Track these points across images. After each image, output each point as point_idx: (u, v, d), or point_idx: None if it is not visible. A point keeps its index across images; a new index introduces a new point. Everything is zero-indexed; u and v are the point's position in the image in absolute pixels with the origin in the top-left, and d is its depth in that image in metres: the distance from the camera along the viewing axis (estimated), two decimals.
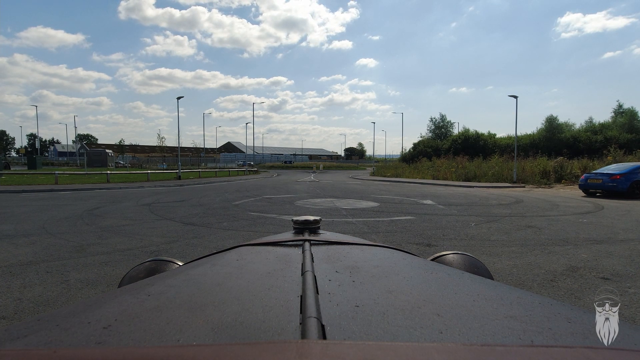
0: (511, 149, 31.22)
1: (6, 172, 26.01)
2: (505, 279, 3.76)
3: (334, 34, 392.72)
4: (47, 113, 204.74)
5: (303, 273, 0.53)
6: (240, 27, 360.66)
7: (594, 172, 14.16)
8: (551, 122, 39.66)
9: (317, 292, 0.45)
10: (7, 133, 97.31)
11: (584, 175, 14.02)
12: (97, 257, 4.59)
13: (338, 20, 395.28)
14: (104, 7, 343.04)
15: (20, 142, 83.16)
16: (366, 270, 0.59)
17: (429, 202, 11.15)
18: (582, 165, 21.02)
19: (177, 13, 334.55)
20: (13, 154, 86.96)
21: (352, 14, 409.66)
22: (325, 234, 0.91)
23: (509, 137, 40.72)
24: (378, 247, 0.80)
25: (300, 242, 0.78)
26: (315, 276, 0.51)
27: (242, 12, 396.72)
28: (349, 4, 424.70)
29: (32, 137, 76.62)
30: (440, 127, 53.42)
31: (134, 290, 0.51)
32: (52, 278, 3.77)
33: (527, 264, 4.29)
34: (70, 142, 77.78)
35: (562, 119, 41.57)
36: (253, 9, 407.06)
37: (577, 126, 41.75)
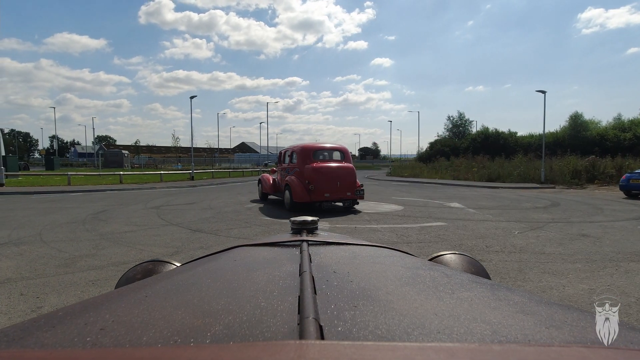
0: (534, 148, 29.80)
1: (24, 173, 26.19)
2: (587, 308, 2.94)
3: (350, 35, 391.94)
4: (70, 115, 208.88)
5: (301, 273, 0.51)
6: (257, 30, 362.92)
7: (637, 171, 12.98)
8: (576, 119, 37.68)
9: (315, 293, 0.44)
10: (31, 135, 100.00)
11: (626, 175, 12.83)
12: (86, 274, 3.95)
13: (354, 21, 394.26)
14: (125, 12, 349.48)
15: (42, 143, 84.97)
16: (364, 270, 0.58)
17: (457, 204, 10.26)
18: (617, 164, 19.63)
19: (195, 17, 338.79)
20: (36, 155, 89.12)
21: (368, 14, 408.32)
22: (322, 234, 0.89)
23: (531, 136, 38.88)
24: (376, 247, 0.79)
25: (298, 243, 0.76)
26: (313, 276, 0.50)
27: (259, 15, 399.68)
28: (365, 4, 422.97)
29: (53, 138, 78.62)
30: (458, 126, 51.61)
31: (131, 291, 0.50)
32: (23, 303, 3.12)
33: (607, 288, 3.44)
34: (89, 144, 79.18)
35: (586, 117, 39.40)
36: (270, 12, 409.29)
37: (604, 123, 39.62)
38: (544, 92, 20.10)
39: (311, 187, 8.45)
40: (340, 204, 9.43)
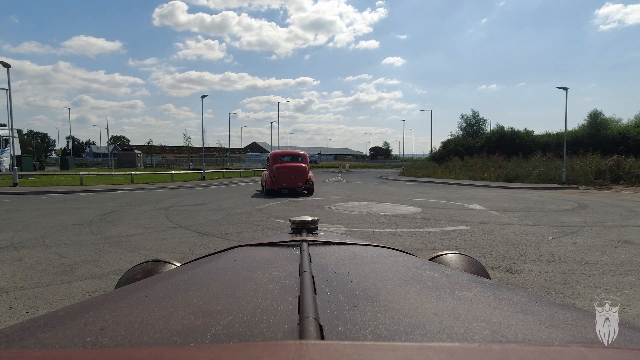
0: (552, 147, 28.80)
1: (38, 172, 26.44)
2: None
3: (361, 34, 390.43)
4: (86, 116, 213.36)
5: (301, 273, 0.51)
6: (269, 30, 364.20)
7: None
8: (595, 117, 36.37)
9: (315, 293, 0.44)
10: (48, 135, 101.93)
11: None
12: (84, 284, 3.63)
13: (365, 20, 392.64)
14: (139, 14, 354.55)
15: (58, 144, 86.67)
16: (364, 270, 0.58)
17: (478, 206, 9.74)
18: None
19: (208, 18, 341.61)
20: (54, 155, 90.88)
21: (380, 13, 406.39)
22: (322, 234, 0.89)
23: (548, 134, 37.65)
24: (376, 247, 0.79)
25: (298, 243, 0.76)
26: (313, 276, 0.50)
27: (271, 15, 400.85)
28: (376, 3, 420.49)
29: (69, 139, 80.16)
30: (472, 125, 50.40)
31: (131, 292, 0.50)
32: (10, 319, 2.80)
33: None
34: (104, 144, 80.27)
35: (605, 115, 37.85)
36: (281, 12, 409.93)
37: (624, 121, 38.08)
38: (565, 88, 19.33)
39: (273, 179, 12.79)
40: (300, 190, 13.49)
